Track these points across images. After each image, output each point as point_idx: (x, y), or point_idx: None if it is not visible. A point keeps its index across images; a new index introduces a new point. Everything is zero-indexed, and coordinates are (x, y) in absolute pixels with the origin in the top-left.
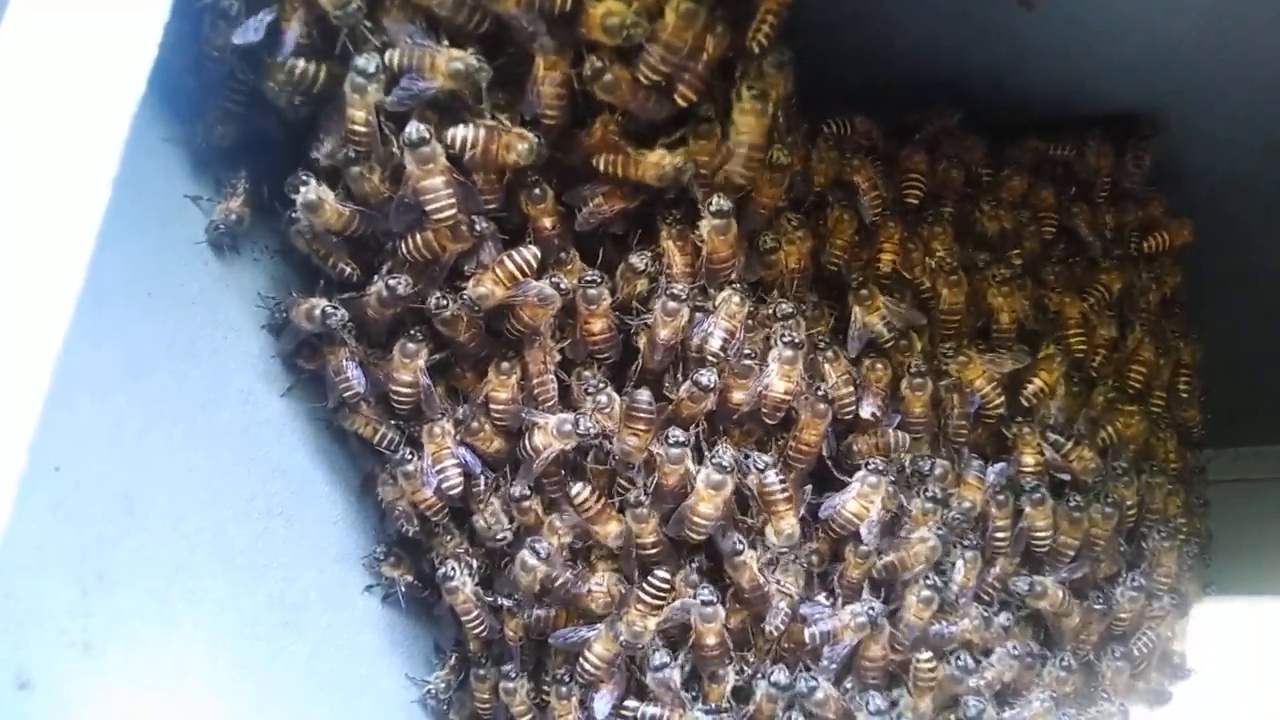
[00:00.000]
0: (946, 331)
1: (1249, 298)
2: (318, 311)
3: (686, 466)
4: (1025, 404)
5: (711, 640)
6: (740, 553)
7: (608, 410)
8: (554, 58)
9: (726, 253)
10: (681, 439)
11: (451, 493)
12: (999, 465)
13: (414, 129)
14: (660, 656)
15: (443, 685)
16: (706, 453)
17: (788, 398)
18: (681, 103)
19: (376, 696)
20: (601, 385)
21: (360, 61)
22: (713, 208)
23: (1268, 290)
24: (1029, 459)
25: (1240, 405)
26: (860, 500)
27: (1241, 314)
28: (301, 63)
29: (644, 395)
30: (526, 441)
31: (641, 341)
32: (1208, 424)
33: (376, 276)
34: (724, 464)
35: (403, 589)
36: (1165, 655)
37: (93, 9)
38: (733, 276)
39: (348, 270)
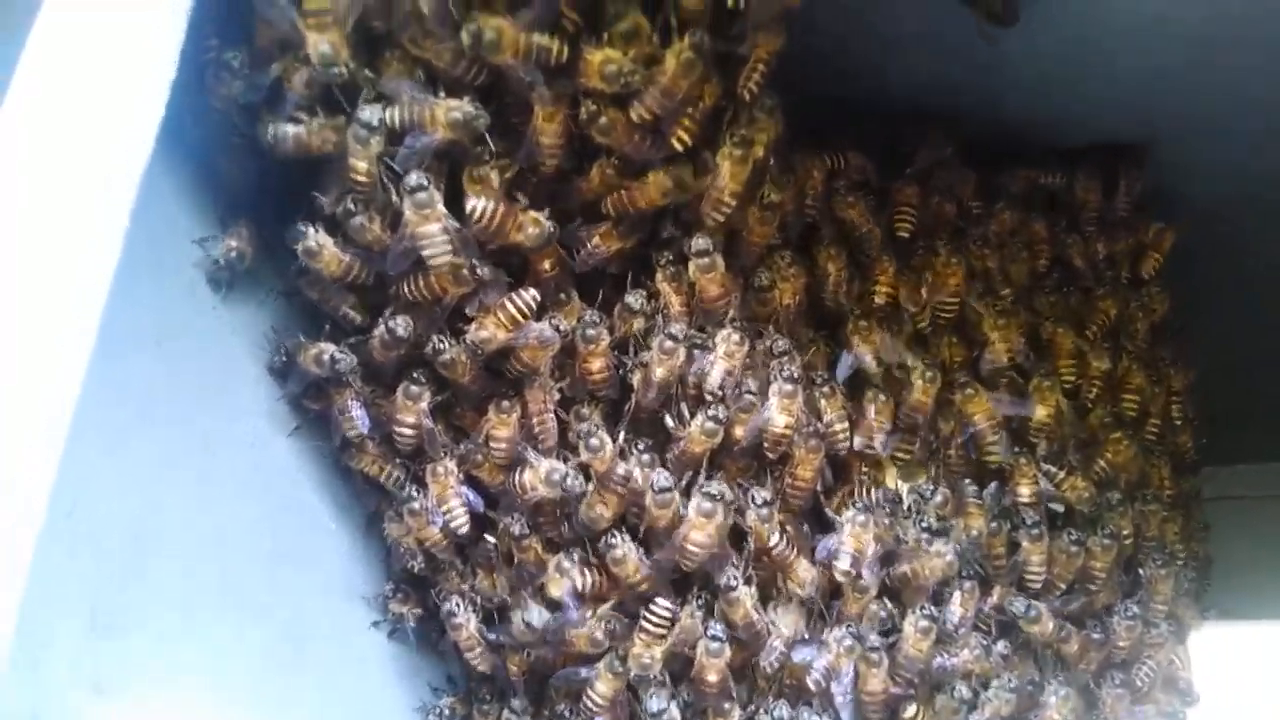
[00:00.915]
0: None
1: (1242, 316)
2: (326, 357)
3: (676, 507)
4: (1031, 439)
5: (713, 677)
6: (734, 589)
7: (600, 454)
8: (552, 107)
9: (716, 291)
10: (667, 484)
11: (459, 532)
12: (993, 485)
13: (414, 177)
14: (658, 701)
15: (447, 713)
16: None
17: (788, 432)
18: (678, 146)
19: None
20: (595, 429)
21: (364, 114)
22: (693, 248)
23: (1261, 308)
24: (1025, 490)
25: (1237, 422)
26: (853, 539)
27: (1236, 333)
28: (293, 128)
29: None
30: (517, 476)
31: (636, 380)
32: (1206, 442)
33: (380, 320)
34: (713, 492)
35: (410, 624)
36: (1171, 680)
37: (101, 66)
38: (730, 314)
39: (352, 314)
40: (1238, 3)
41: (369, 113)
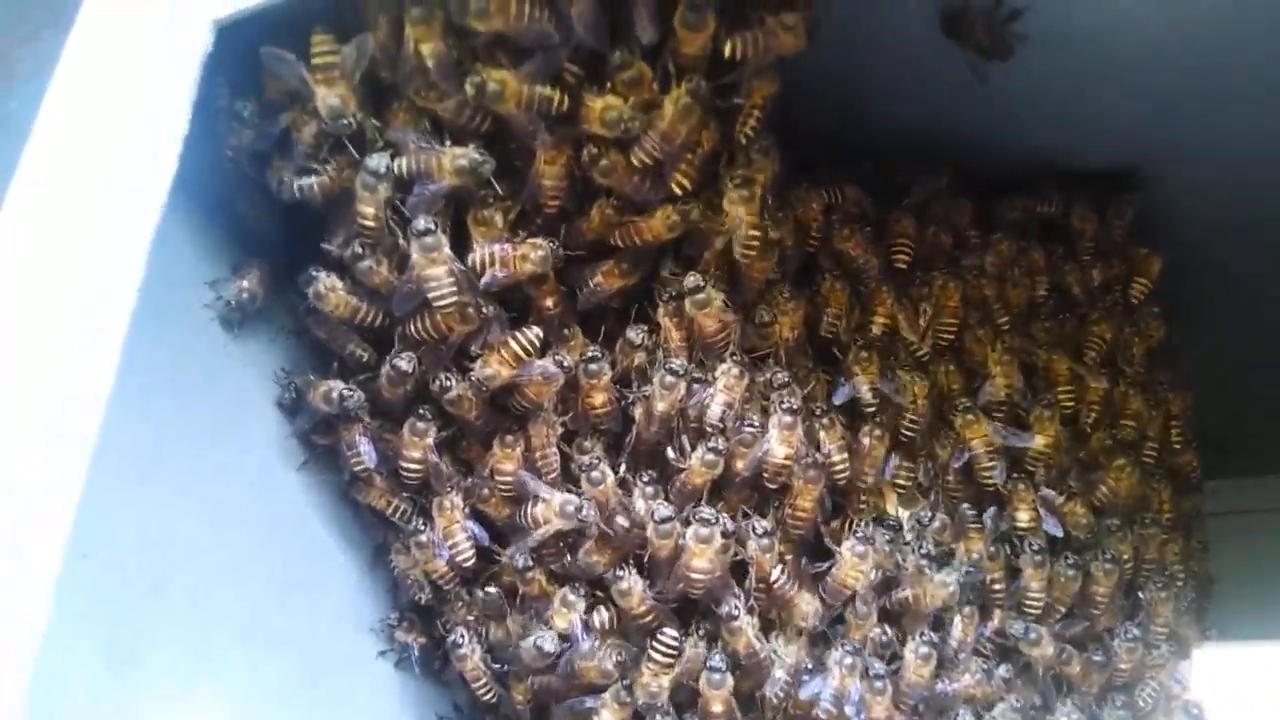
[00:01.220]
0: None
1: (1237, 331)
2: (335, 394)
3: (677, 537)
4: (1028, 467)
5: (718, 708)
6: (736, 618)
7: (601, 487)
8: (554, 152)
9: (714, 326)
10: (668, 515)
11: (465, 565)
12: (991, 510)
13: (422, 221)
14: None
15: None
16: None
17: (788, 463)
18: (677, 190)
19: None
20: (596, 462)
21: (371, 163)
22: (686, 286)
23: (1257, 323)
24: (1024, 515)
25: (1235, 439)
26: (852, 569)
27: (1231, 347)
28: (317, 177)
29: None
30: (528, 510)
31: (638, 413)
32: (1206, 458)
33: (387, 357)
34: (706, 516)
35: (416, 653)
36: (1172, 700)
37: (117, 119)
38: (730, 349)
39: (360, 353)
40: (1227, 34)
41: (376, 160)
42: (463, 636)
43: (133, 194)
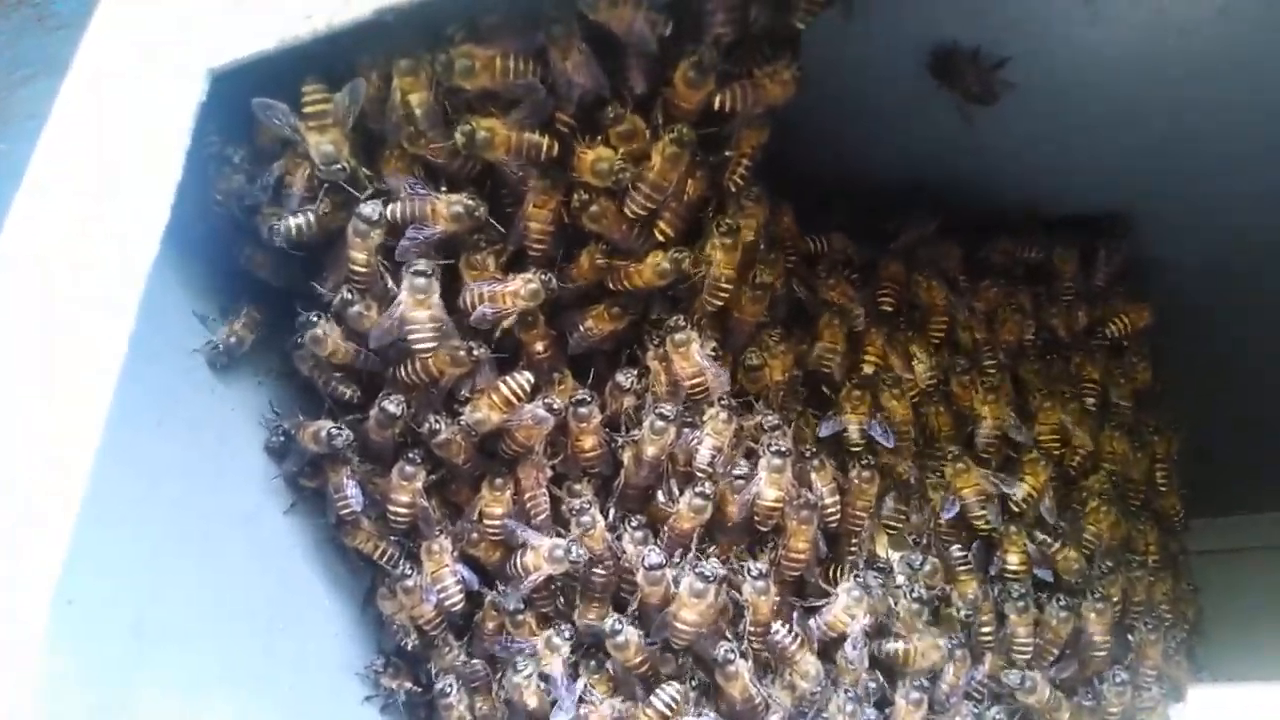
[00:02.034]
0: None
1: (1225, 373)
2: (323, 433)
3: (667, 584)
4: (1015, 509)
5: None
6: (731, 662)
7: (592, 531)
8: (544, 197)
9: (692, 370)
10: (658, 562)
11: (453, 610)
12: (975, 544)
13: (421, 263)
14: None
15: None
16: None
17: (778, 505)
18: (660, 238)
19: None
20: (587, 506)
21: (365, 210)
22: (669, 324)
23: (1246, 361)
24: (1014, 559)
25: (1215, 479)
26: (845, 612)
27: (1219, 388)
28: (292, 221)
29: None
30: (518, 559)
31: (627, 457)
32: (1193, 496)
33: (376, 400)
34: (707, 574)
35: (402, 698)
36: None
37: (111, 169)
38: (711, 395)
39: (347, 393)
40: (1213, 77)
41: (370, 208)
42: (449, 686)
43: (125, 237)
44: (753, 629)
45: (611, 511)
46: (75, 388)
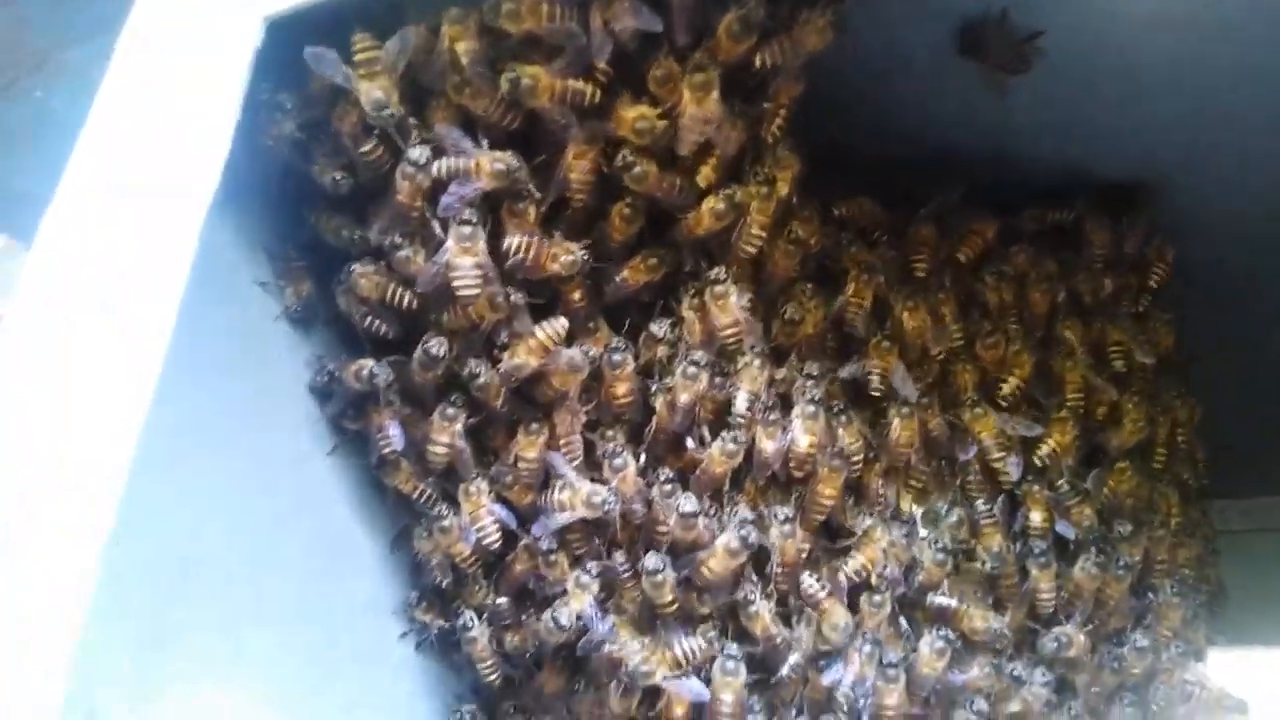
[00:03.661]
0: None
1: (1248, 351)
2: (365, 372)
3: (700, 531)
4: (1038, 464)
5: (729, 696)
6: (753, 603)
7: (624, 474)
8: (584, 146)
9: (728, 320)
10: (693, 509)
11: (492, 549)
12: (1001, 498)
13: (466, 213)
14: None
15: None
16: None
17: (813, 451)
18: (702, 184)
19: None
20: (619, 450)
21: (413, 154)
22: (708, 277)
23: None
24: (1037, 516)
25: (1248, 457)
26: (866, 553)
27: (1242, 368)
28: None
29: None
30: (554, 494)
31: (659, 404)
32: (1218, 476)
33: (420, 343)
34: (749, 539)
35: (434, 634)
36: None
37: (170, 115)
38: (746, 343)
39: (385, 329)
40: (1241, 48)
41: (418, 152)
42: (470, 620)
43: (183, 184)
44: (779, 570)
45: (643, 457)
46: (135, 325)
